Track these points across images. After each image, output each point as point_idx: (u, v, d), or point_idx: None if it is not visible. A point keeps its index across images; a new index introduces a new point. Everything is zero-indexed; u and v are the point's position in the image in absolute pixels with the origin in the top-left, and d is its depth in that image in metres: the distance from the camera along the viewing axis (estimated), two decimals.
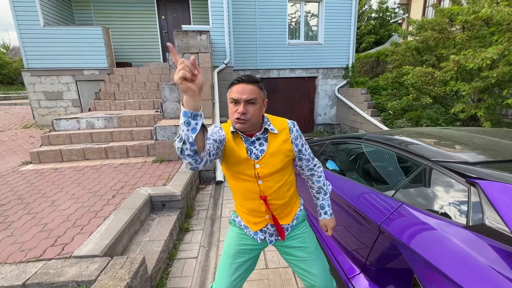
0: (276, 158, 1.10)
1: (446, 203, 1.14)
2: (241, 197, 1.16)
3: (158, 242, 2.06)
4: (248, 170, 1.08)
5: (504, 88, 3.80)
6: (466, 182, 1.08)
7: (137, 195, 2.49)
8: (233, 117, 1.01)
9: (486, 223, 0.93)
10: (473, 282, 0.81)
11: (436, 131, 1.85)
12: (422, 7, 12.90)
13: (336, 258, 1.71)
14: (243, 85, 1.01)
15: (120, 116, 4.30)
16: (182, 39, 5.59)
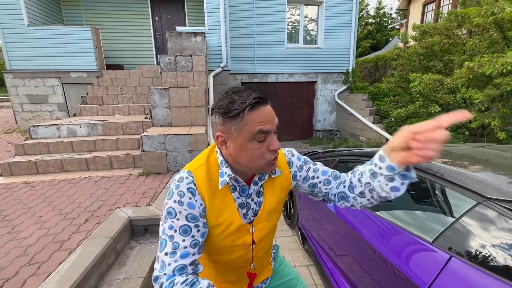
0: (276, 211, 0.79)
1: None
2: (218, 269, 0.80)
3: (135, 280, 1.71)
4: (241, 239, 0.72)
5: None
6: None
7: (115, 218, 2.13)
8: (265, 158, 0.65)
9: None
10: None
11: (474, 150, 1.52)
12: (420, 13, 12.83)
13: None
14: (269, 109, 0.65)
15: (106, 123, 3.94)
16: (176, 41, 5.28)
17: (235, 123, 0.62)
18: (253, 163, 0.66)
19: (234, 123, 0.62)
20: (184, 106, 3.80)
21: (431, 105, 4.76)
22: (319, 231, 1.91)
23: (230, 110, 0.61)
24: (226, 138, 0.66)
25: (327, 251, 1.77)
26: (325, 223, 1.82)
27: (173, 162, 3.31)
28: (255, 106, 0.62)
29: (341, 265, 1.56)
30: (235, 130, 0.63)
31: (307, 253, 2.19)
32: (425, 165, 1.27)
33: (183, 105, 3.79)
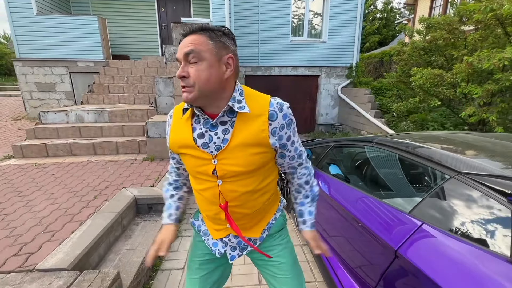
0: (244, 152, 0.76)
1: (481, 227, 0.92)
2: (199, 199, 0.88)
3: (140, 251, 1.85)
4: (203, 166, 0.78)
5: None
6: (508, 203, 0.86)
7: (121, 196, 2.28)
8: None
9: None
10: None
11: (458, 136, 1.62)
12: (428, 8, 12.66)
13: (336, 273, 1.50)
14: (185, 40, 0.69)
15: (112, 110, 4.08)
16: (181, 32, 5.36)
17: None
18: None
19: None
20: None
21: (431, 99, 4.80)
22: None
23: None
24: None
25: (319, 230, 1.89)
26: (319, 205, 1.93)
27: None
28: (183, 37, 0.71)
29: (331, 241, 1.68)
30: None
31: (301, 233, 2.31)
32: (408, 147, 1.38)
33: None
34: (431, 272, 0.88)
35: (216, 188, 0.80)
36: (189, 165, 0.83)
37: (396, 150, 1.45)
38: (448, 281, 0.82)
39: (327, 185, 1.86)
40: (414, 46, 5.48)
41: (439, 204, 1.09)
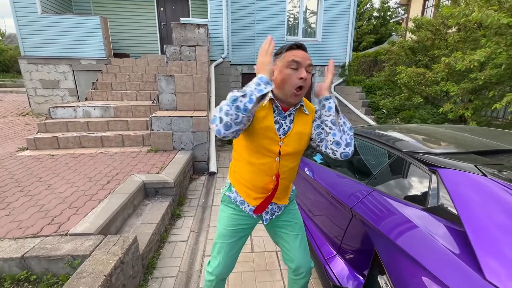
0: (301, 139, 1.09)
1: (412, 189, 1.25)
2: (252, 171, 1.10)
3: (150, 225, 2.17)
4: (272, 145, 1.04)
5: (491, 90, 3.93)
6: (428, 170, 1.19)
7: (131, 181, 2.59)
8: (293, 83, 0.97)
9: (440, 205, 1.04)
10: (423, 255, 0.92)
11: (415, 126, 1.96)
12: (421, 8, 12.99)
13: (316, 242, 1.83)
14: (303, 52, 1.00)
15: (117, 106, 4.37)
16: (180, 32, 5.63)
17: (279, 57, 1.02)
18: (285, 85, 0.98)
19: (278, 57, 1.03)
20: (188, 92, 4.20)
21: (415, 97, 5.15)
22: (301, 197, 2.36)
23: (277, 51, 1.04)
24: (274, 69, 1.01)
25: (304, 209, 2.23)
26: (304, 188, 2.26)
27: (178, 141, 3.74)
28: (292, 47, 1.00)
29: (311, 215, 2.01)
30: (279, 61, 1.02)
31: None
32: (371, 135, 1.71)
33: (187, 92, 4.19)
34: (373, 220, 1.21)
35: (274, 162, 1.07)
36: (258, 142, 1.03)
37: (364, 137, 1.79)
38: (383, 225, 1.15)
39: (311, 171, 2.18)
40: (401, 45, 5.82)
41: (386, 175, 1.43)
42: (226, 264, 1.22)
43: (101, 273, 1.37)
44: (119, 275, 1.49)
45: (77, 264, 1.52)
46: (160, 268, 1.94)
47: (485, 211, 0.89)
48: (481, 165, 1.08)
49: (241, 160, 1.14)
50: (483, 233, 0.82)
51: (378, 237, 1.14)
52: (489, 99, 4.05)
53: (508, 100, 3.15)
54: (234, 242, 1.21)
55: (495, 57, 3.52)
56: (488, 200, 0.91)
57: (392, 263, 1.02)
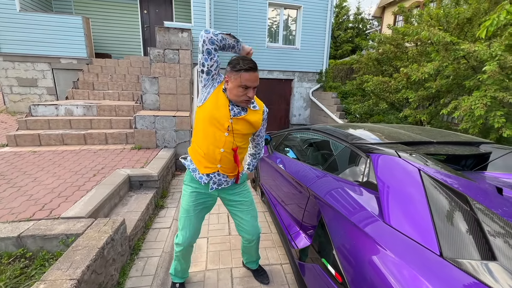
0: (248, 125, 1.41)
1: (354, 170, 1.59)
2: (206, 141, 1.38)
3: (136, 213, 2.37)
4: (223, 120, 1.34)
5: (442, 97, 4.50)
6: (366, 155, 1.54)
7: (117, 174, 2.76)
8: (241, 98, 1.29)
9: (368, 180, 1.38)
10: (351, 213, 1.24)
11: (364, 125, 2.34)
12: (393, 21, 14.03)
13: (284, 223, 2.13)
14: (254, 74, 1.27)
15: (100, 105, 4.46)
16: (164, 35, 5.81)
17: (235, 74, 1.27)
18: (236, 98, 1.31)
19: (234, 74, 1.28)
20: (171, 93, 4.40)
21: (381, 102, 5.69)
22: (272, 185, 2.66)
23: (235, 66, 1.27)
24: (228, 80, 1.31)
25: (275, 198, 2.53)
26: (275, 178, 2.57)
27: (161, 139, 3.93)
28: (247, 69, 1.25)
29: (284, 204, 2.31)
30: (234, 78, 1.28)
31: (264, 203, 2.94)
32: (328, 131, 2.05)
33: (170, 93, 4.39)
34: (322, 195, 1.53)
35: (223, 137, 1.37)
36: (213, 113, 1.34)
37: (322, 133, 2.13)
38: (329, 198, 1.47)
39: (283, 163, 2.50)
40: (369, 57, 6.40)
41: (337, 162, 1.76)
42: (192, 233, 1.55)
43: (94, 246, 1.57)
44: (110, 250, 1.69)
45: (71, 242, 1.70)
46: (145, 250, 2.15)
47: (392, 180, 1.23)
48: (400, 151, 1.43)
49: (198, 130, 1.41)
50: (387, 194, 1.15)
51: (324, 206, 1.46)
52: (442, 105, 4.63)
53: (453, 107, 3.68)
54: (196, 214, 1.53)
55: (443, 69, 4.08)
56: (397, 172, 1.26)
57: (330, 220, 1.33)
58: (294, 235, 1.89)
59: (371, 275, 0.93)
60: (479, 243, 0.83)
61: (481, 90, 3.54)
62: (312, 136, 2.35)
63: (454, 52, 3.76)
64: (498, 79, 3.35)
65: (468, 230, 0.88)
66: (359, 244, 1.06)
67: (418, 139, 1.71)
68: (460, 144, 1.76)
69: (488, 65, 3.30)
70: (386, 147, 1.53)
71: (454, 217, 0.94)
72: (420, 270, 0.80)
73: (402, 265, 0.85)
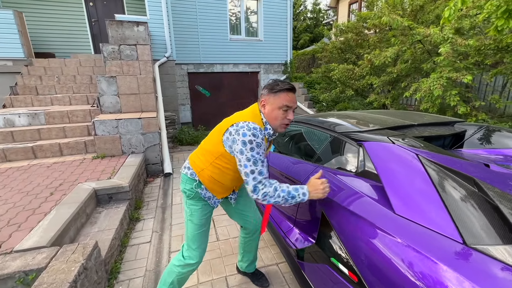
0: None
1: (346, 161, 1.55)
2: (235, 180, 1.37)
3: (108, 231, 2.09)
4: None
5: (402, 81, 4.78)
6: (357, 144, 1.50)
7: (79, 190, 2.41)
8: (283, 122, 1.23)
9: (365, 170, 1.34)
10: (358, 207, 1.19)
11: (344, 113, 2.34)
12: (347, 11, 14.63)
13: (276, 221, 2.05)
14: (293, 95, 1.22)
15: (48, 112, 3.90)
16: (117, 30, 5.27)
17: (274, 96, 1.20)
18: (275, 122, 1.23)
19: (273, 95, 1.21)
20: (133, 93, 4.01)
21: (347, 90, 5.89)
22: None
23: (273, 88, 1.21)
24: (266, 103, 1.23)
25: None
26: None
27: (127, 145, 3.56)
28: (287, 90, 1.20)
29: None
30: (273, 98, 1.21)
31: None
32: (311, 121, 1.99)
33: (132, 92, 4.00)
34: None
35: None
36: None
37: (307, 124, 2.07)
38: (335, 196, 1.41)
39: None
40: (333, 46, 6.55)
41: (327, 153, 1.71)
42: (205, 248, 1.46)
43: (64, 281, 1.32)
44: (84, 281, 1.44)
45: (31, 279, 1.41)
46: (125, 271, 1.91)
47: (394, 168, 1.19)
48: (391, 136, 1.41)
49: (227, 173, 1.33)
50: (392, 182, 1.11)
51: (325, 202, 1.39)
52: (402, 89, 4.92)
53: (414, 89, 3.91)
54: (207, 228, 1.46)
55: (402, 54, 4.31)
56: (396, 160, 1.23)
57: (335, 217, 1.27)
58: (288, 233, 1.82)
59: (393, 273, 0.88)
60: (498, 226, 0.81)
61: (436, 72, 3.81)
62: (295, 129, 2.28)
63: (412, 36, 3.98)
64: (450, 60, 3.61)
65: (484, 213, 0.86)
66: (374, 240, 1.01)
67: (401, 123, 1.73)
68: (437, 125, 1.82)
69: (442, 47, 3.54)
70: (375, 134, 1.51)
71: (466, 201, 0.93)
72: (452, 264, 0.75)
73: (430, 260, 0.80)
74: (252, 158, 1.16)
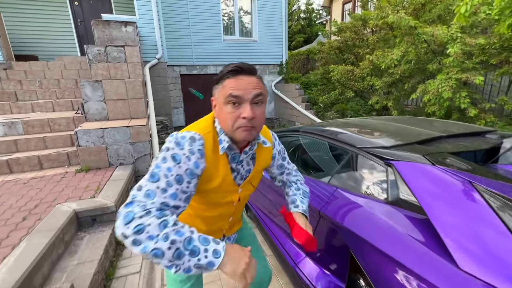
0: (259, 177, 0.99)
1: (371, 183, 1.30)
2: (205, 222, 0.96)
3: (90, 263, 1.80)
4: (229, 197, 0.89)
5: (405, 82, 4.60)
6: (384, 164, 1.26)
7: (57, 213, 2.11)
8: (235, 124, 0.74)
9: (401, 198, 1.10)
10: (395, 249, 0.95)
11: (359, 121, 2.10)
12: (341, 11, 14.53)
13: (283, 246, 1.79)
14: (247, 78, 0.74)
15: (27, 120, 3.55)
16: (104, 30, 4.95)
17: (218, 87, 0.76)
18: (227, 126, 0.75)
19: (218, 87, 0.76)
20: (121, 99, 3.70)
21: (347, 91, 5.68)
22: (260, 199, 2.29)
23: (218, 76, 0.76)
24: (215, 101, 0.79)
25: (265, 212, 2.17)
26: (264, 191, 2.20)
27: (114, 156, 3.26)
28: (233, 73, 0.73)
29: (275, 219, 1.97)
30: (218, 93, 0.76)
31: (250, 218, 2.57)
32: (325, 133, 1.75)
33: (120, 98, 3.69)
34: (341, 220, 1.22)
35: (231, 208, 0.95)
36: (212, 199, 0.87)
37: (316, 135, 1.82)
38: (351, 223, 1.16)
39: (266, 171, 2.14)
40: (330, 45, 6.35)
41: (345, 172, 1.47)
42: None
43: None
44: None
45: None
46: None
47: (444, 200, 0.95)
48: (427, 154, 1.18)
49: (190, 214, 0.94)
50: (447, 222, 0.87)
51: (351, 237, 1.14)
52: (405, 90, 4.74)
53: (421, 91, 3.72)
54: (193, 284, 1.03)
55: (406, 54, 4.12)
56: (444, 189, 0.99)
57: (369, 263, 1.02)
58: (300, 263, 1.56)
59: None
60: None
61: (443, 72, 3.62)
62: (304, 141, 2.03)
63: (417, 36, 3.78)
64: (459, 61, 3.43)
65: None
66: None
67: (428, 135, 1.49)
68: (467, 135, 1.60)
69: (451, 47, 3.35)
70: (404, 150, 1.27)
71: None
72: None
73: None
74: (155, 169, 0.70)
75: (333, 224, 1.28)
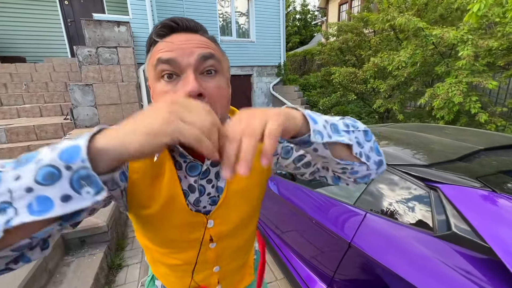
0: (247, 197, 0.58)
1: (410, 210, 1.11)
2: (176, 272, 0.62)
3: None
4: (192, 234, 0.55)
5: (411, 85, 4.46)
6: (426, 187, 1.07)
7: None
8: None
9: (455, 231, 0.90)
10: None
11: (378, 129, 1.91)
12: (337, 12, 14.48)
13: (298, 272, 1.59)
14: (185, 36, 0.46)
15: (10, 128, 3.28)
16: (95, 30, 4.68)
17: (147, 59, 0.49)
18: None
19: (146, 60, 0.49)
20: (113, 104, 3.46)
21: (348, 94, 5.53)
22: (266, 214, 2.09)
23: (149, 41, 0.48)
24: (149, 84, 0.50)
25: (274, 230, 1.97)
26: (271, 206, 2.00)
27: None
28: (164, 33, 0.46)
29: (287, 239, 1.77)
30: (147, 69, 0.48)
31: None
32: None
33: (112, 103, 3.45)
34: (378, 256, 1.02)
35: (208, 251, 0.58)
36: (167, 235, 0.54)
37: None
38: (390, 260, 0.97)
39: (276, 185, 1.94)
40: (331, 46, 6.20)
41: (375, 194, 1.27)
42: None
43: None
44: None
45: None
46: None
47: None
48: (481, 176, 0.99)
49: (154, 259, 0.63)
50: None
51: (391, 277, 0.95)
52: (410, 93, 4.60)
53: (429, 95, 3.57)
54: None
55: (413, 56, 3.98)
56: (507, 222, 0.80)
57: None
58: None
59: None
60: None
61: (452, 75, 3.49)
62: None
63: (425, 38, 3.64)
64: (470, 64, 3.30)
65: None
66: None
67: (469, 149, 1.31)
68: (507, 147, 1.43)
69: (461, 50, 3.21)
70: (449, 170, 1.09)
71: None
72: None
73: None
74: None
75: (367, 258, 1.08)
